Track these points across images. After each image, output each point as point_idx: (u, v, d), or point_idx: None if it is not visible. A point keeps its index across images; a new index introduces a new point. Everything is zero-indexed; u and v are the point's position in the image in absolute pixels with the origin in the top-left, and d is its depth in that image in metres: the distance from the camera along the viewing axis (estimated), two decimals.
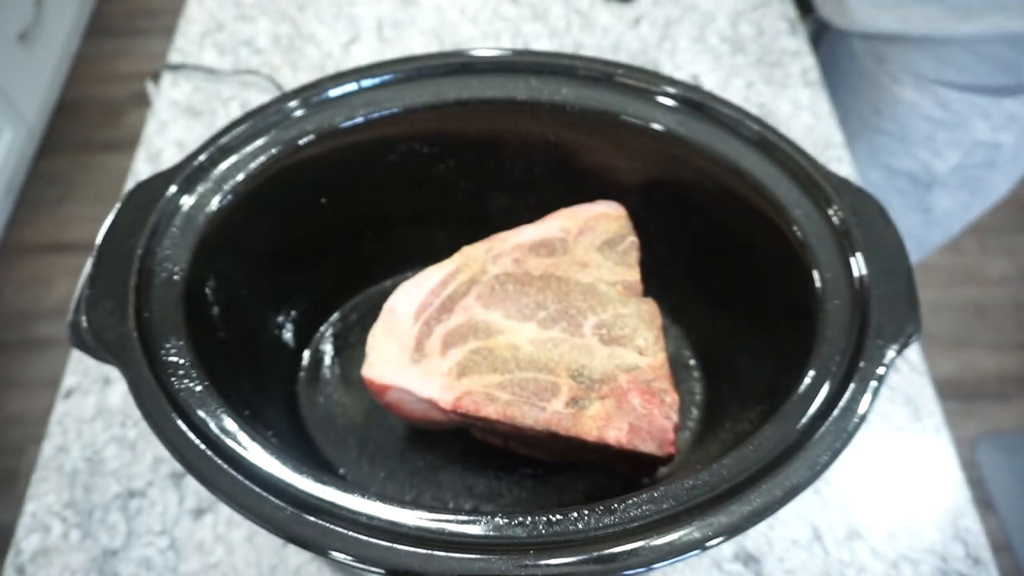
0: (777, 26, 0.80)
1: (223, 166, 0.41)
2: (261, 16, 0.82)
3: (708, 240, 0.46)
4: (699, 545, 0.28)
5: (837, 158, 0.69)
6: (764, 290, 0.43)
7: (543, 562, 0.28)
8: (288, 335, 0.48)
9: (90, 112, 1.78)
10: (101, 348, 0.33)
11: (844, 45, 0.77)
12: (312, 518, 0.29)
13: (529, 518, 0.29)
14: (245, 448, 0.31)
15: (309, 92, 0.43)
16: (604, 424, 0.36)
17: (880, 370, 0.33)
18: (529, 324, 0.41)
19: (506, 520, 0.29)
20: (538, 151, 0.47)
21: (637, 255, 0.44)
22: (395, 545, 0.28)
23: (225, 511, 0.50)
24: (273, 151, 0.42)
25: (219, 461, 0.30)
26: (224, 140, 0.41)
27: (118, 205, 0.38)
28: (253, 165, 0.41)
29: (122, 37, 1.92)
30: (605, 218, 0.45)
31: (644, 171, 0.46)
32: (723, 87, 0.75)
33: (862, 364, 0.33)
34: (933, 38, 0.67)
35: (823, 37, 0.82)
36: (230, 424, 0.32)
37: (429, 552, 0.28)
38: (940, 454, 0.53)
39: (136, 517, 0.49)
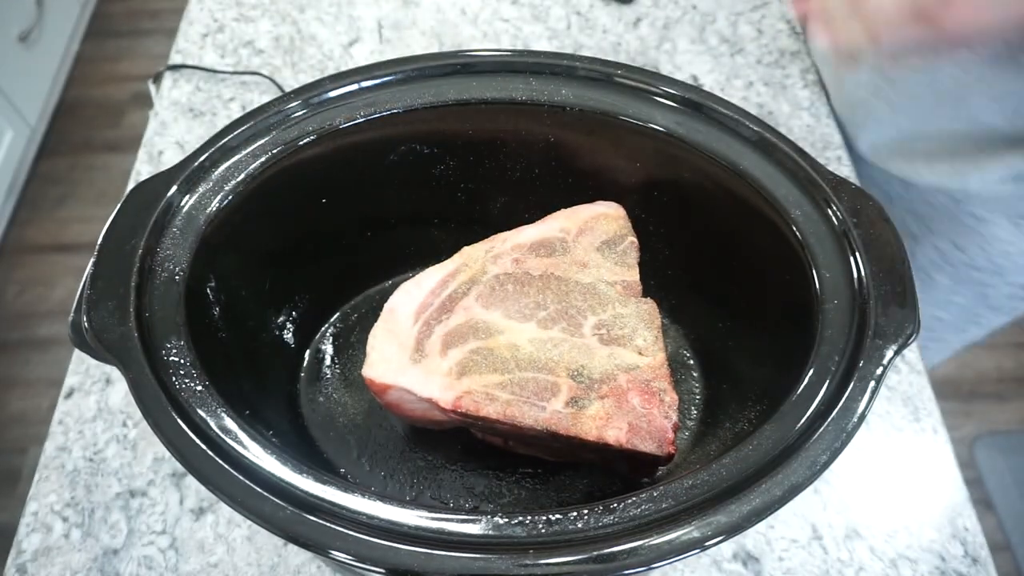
0: (777, 27, 0.80)
1: (224, 166, 0.41)
2: (262, 17, 0.82)
3: (708, 240, 0.46)
4: (698, 545, 0.28)
5: (837, 158, 0.69)
6: (764, 290, 0.43)
7: (543, 561, 0.28)
8: (288, 335, 0.49)
9: (91, 113, 1.78)
10: (102, 348, 0.33)
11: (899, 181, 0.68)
12: (312, 518, 0.29)
13: (529, 518, 0.29)
14: (245, 448, 0.31)
15: (310, 92, 0.43)
16: (604, 424, 0.36)
17: (879, 370, 0.33)
18: (529, 324, 0.41)
19: (506, 520, 0.29)
20: (538, 151, 0.47)
21: (637, 255, 0.44)
22: (395, 544, 0.28)
23: (226, 511, 0.50)
24: (274, 151, 0.42)
25: (219, 461, 0.30)
26: (225, 140, 0.41)
27: (119, 205, 0.38)
28: (254, 165, 0.41)
29: (123, 38, 1.93)
30: (605, 218, 0.45)
31: (644, 171, 0.46)
32: (723, 88, 0.75)
33: (861, 364, 0.33)
34: None
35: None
36: (230, 424, 0.32)
37: (429, 552, 0.28)
38: (938, 454, 0.53)
39: (137, 516, 0.49)
